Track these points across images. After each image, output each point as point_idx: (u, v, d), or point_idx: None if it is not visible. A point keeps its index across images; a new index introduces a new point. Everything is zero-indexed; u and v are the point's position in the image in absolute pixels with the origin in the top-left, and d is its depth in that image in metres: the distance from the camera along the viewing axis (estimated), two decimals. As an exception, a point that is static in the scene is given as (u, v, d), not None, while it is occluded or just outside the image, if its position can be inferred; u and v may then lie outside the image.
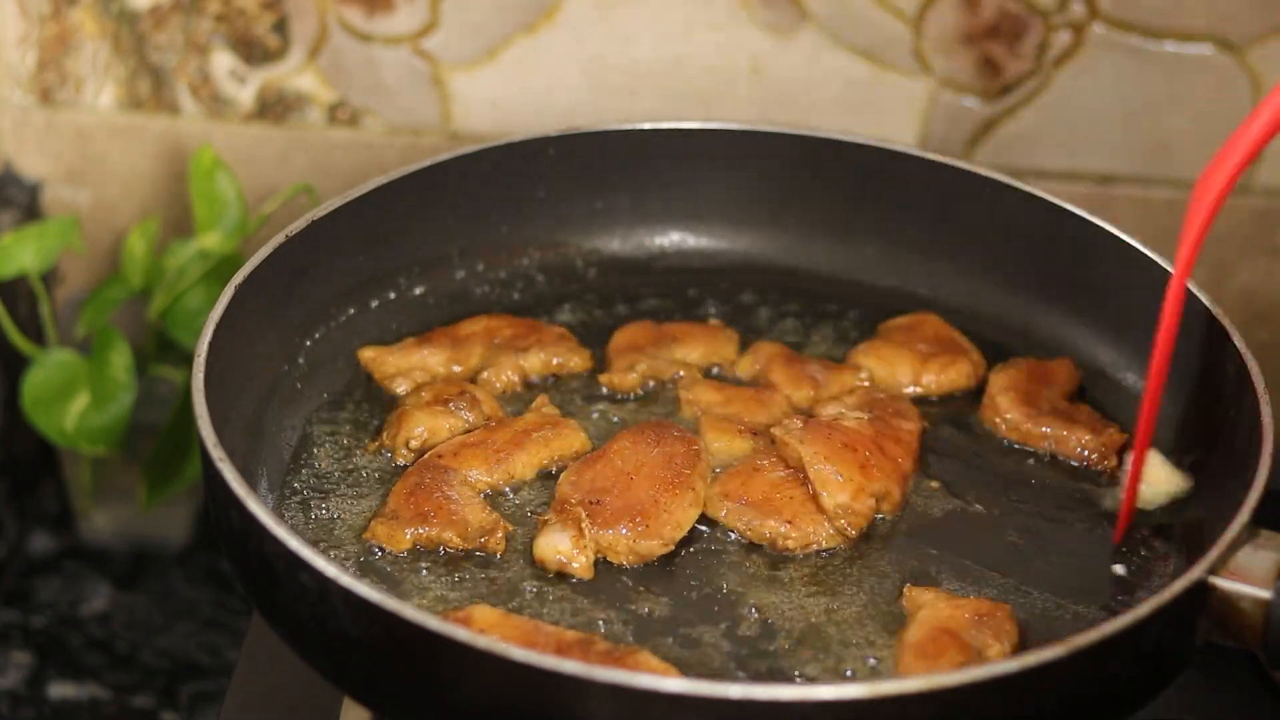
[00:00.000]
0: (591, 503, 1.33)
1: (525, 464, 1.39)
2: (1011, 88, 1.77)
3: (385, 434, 1.43)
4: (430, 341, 1.50)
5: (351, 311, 1.53)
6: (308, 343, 1.49)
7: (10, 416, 1.85)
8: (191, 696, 1.81)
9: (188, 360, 1.37)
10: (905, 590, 1.31)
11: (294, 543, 1.19)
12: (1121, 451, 1.44)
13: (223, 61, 1.83)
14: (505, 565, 1.33)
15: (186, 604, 1.90)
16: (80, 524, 1.96)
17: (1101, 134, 1.77)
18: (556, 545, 1.31)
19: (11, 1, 1.82)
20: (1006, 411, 1.46)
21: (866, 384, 1.49)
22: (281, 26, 1.81)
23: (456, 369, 1.49)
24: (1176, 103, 1.75)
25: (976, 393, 1.50)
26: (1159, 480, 1.40)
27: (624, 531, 1.32)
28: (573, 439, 1.41)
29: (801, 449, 1.37)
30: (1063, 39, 1.74)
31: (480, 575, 1.31)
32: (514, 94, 1.82)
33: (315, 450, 1.43)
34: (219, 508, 1.27)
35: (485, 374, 1.48)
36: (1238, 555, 1.22)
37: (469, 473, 1.38)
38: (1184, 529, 1.38)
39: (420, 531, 1.33)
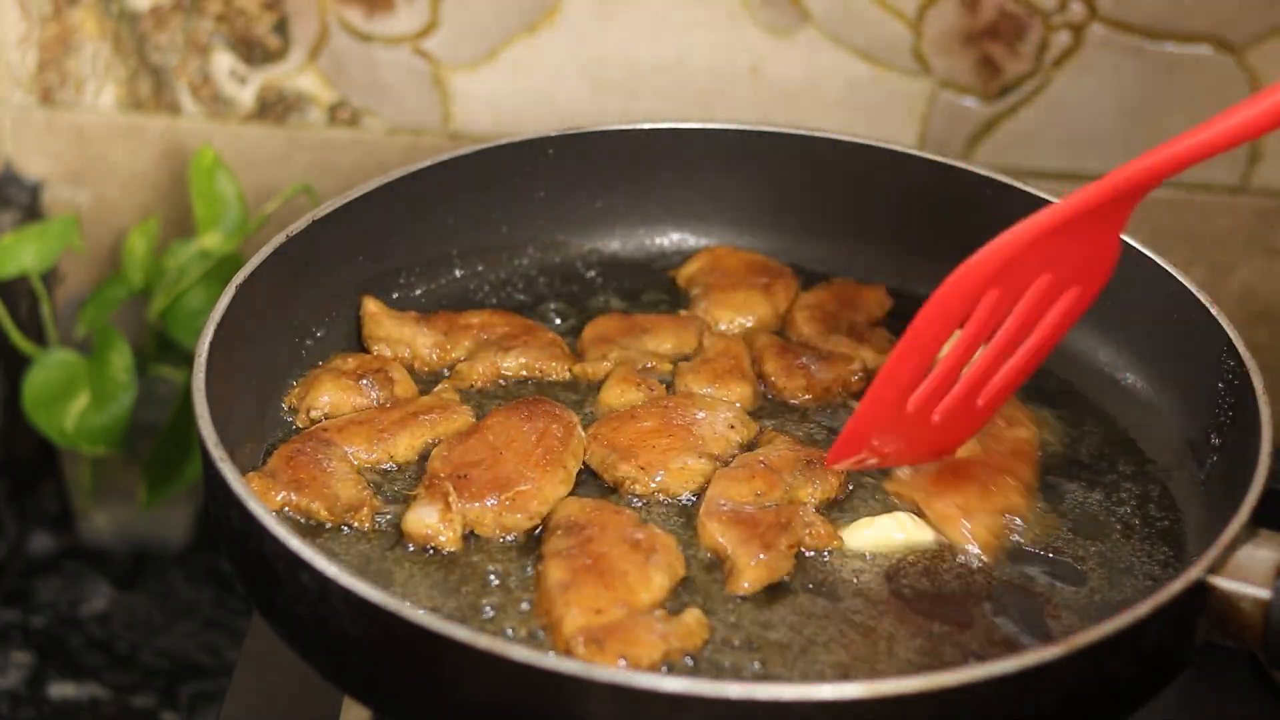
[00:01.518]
0: (459, 476, 1.34)
1: (407, 445, 1.39)
2: (1011, 88, 1.77)
3: (294, 393, 1.44)
4: (428, 322, 1.51)
5: (351, 311, 1.53)
6: (309, 342, 1.49)
7: (10, 416, 1.85)
8: (191, 696, 1.81)
9: (188, 360, 1.37)
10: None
11: (294, 542, 1.19)
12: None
13: (223, 62, 1.83)
14: (376, 540, 1.33)
15: (186, 604, 1.90)
16: (80, 524, 1.96)
17: (1101, 134, 1.77)
18: (424, 519, 1.32)
19: (12, 2, 1.82)
20: (802, 326, 1.54)
21: (860, 375, 1.50)
22: (282, 27, 1.81)
23: (436, 354, 1.49)
24: (1175, 103, 1.75)
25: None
26: (899, 531, 1.37)
27: (490, 504, 1.33)
28: (458, 422, 1.41)
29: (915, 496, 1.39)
30: (1062, 39, 1.74)
31: (353, 548, 1.32)
32: (514, 94, 1.82)
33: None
34: (219, 508, 1.27)
35: (461, 365, 1.48)
36: (1237, 555, 1.21)
37: (349, 448, 1.38)
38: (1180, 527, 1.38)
39: (290, 497, 1.33)
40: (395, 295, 1.56)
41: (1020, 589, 1.32)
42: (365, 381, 1.44)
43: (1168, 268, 1.47)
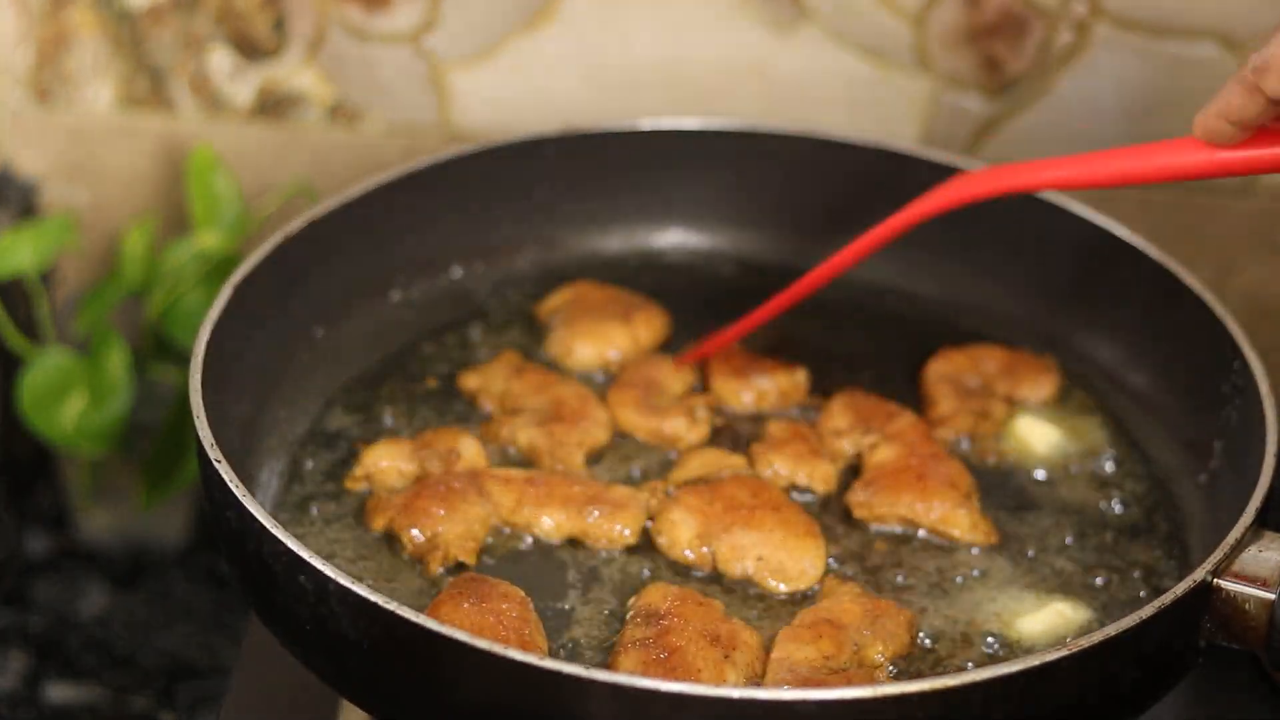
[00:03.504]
0: None
1: (555, 526, 1.36)
2: (1013, 87, 1.77)
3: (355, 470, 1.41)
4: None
5: (350, 311, 1.53)
6: (306, 342, 1.49)
7: (8, 417, 1.85)
8: (190, 698, 1.80)
9: (186, 360, 1.37)
10: (824, 580, 1.32)
11: (292, 543, 1.18)
12: None
13: (221, 60, 1.83)
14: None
15: (185, 605, 1.90)
16: (78, 525, 1.96)
17: (1104, 133, 1.77)
18: None
19: (9, 0, 1.81)
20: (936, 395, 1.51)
21: (803, 383, 1.49)
22: (280, 25, 1.81)
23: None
24: (1179, 102, 1.75)
25: None
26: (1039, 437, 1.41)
27: None
28: (627, 524, 1.36)
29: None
30: (1065, 38, 1.74)
31: (408, 586, 1.31)
32: (514, 93, 1.81)
33: (313, 451, 1.43)
34: (217, 508, 1.27)
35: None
36: (1242, 556, 1.21)
37: (495, 502, 1.36)
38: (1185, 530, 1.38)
39: (394, 519, 1.33)
40: (394, 294, 1.56)
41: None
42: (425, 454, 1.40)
43: (1171, 268, 1.47)
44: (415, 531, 1.32)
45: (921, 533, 1.37)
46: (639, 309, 1.55)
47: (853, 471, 1.42)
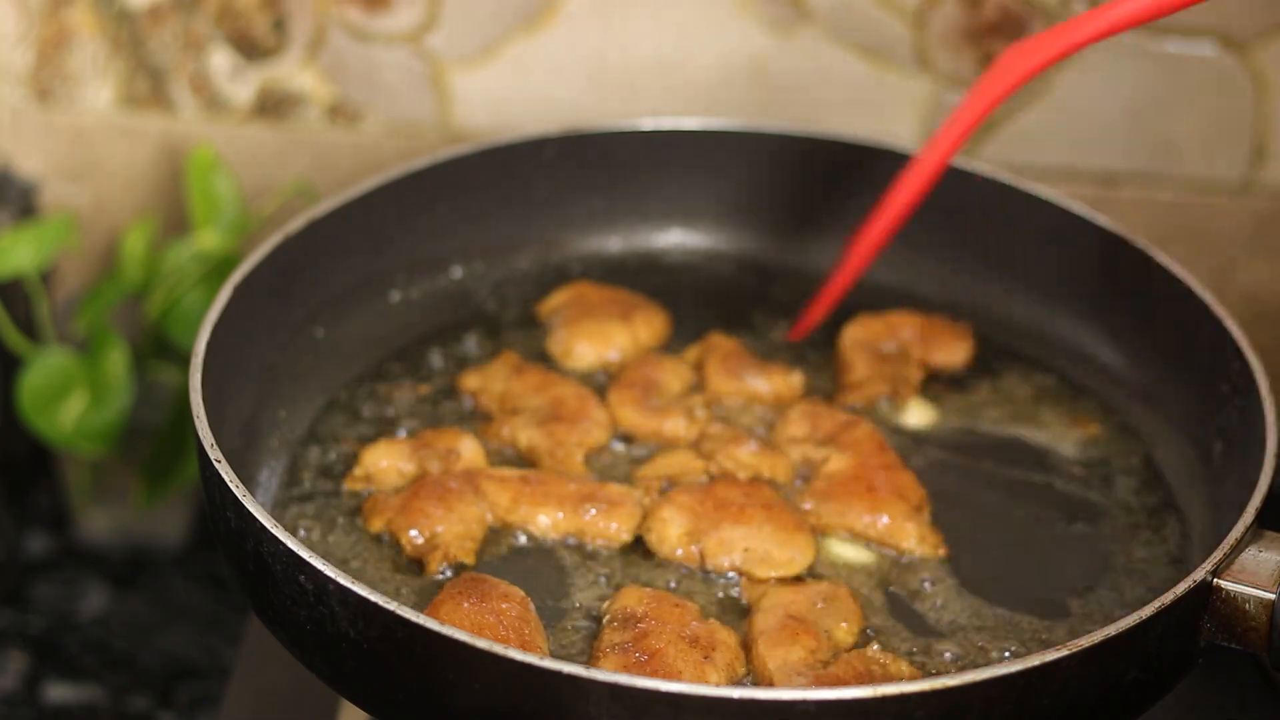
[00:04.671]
0: None
1: (551, 525, 1.36)
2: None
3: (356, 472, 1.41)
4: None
5: (350, 311, 1.53)
6: (306, 342, 1.49)
7: (7, 417, 1.85)
8: (189, 698, 1.80)
9: (186, 360, 1.37)
10: (741, 583, 1.31)
11: (292, 543, 1.18)
12: None
13: (221, 60, 1.83)
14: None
15: (184, 605, 1.90)
16: (78, 525, 1.95)
17: (1104, 133, 1.77)
18: None
19: (9, 0, 1.81)
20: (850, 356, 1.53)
21: (799, 385, 1.49)
22: (280, 25, 1.81)
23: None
24: (1180, 101, 1.75)
25: None
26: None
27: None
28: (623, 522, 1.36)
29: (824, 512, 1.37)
30: (1065, 38, 1.74)
31: (410, 585, 1.30)
32: (514, 93, 1.81)
33: (313, 451, 1.43)
34: (216, 508, 1.27)
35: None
36: (1242, 556, 1.21)
37: (492, 501, 1.36)
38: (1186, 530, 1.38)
39: (392, 520, 1.33)
40: (394, 295, 1.56)
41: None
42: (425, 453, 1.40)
43: (1171, 268, 1.47)
44: (414, 532, 1.32)
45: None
46: (639, 309, 1.55)
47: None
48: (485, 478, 1.36)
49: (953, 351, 1.53)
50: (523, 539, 1.35)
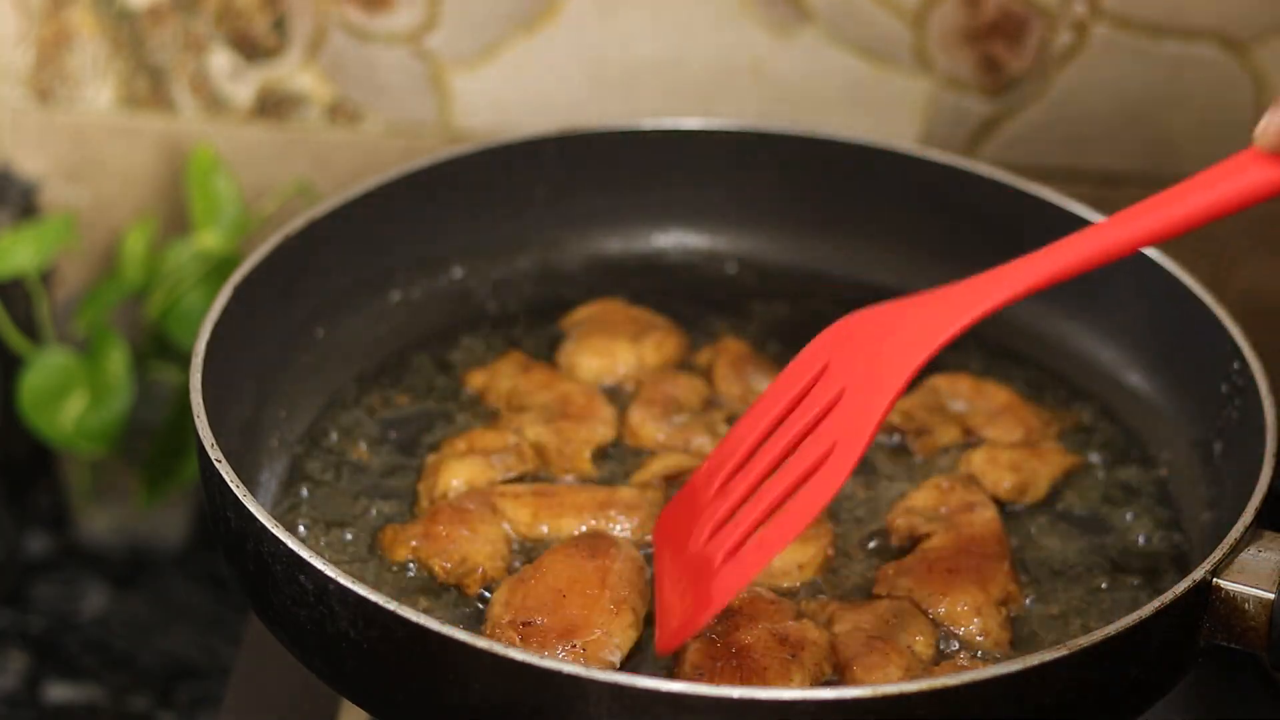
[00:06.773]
0: (523, 624, 1.25)
1: (573, 529, 1.35)
2: (1013, 87, 1.77)
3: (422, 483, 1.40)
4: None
5: (350, 311, 1.53)
6: (306, 342, 1.49)
7: (7, 417, 1.85)
8: (189, 698, 1.80)
9: (186, 360, 1.36)
10: (799, 618, 1.27)
11: (292, 543, 1.18)
12: None
13: (221, 60, 1.83)
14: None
15: (184, 605, 1.90)
16: (78, 525, 1.95)
17: (1104, 133, 1.77)
18: None
19: (9, 0, 1.82)
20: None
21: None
22: (280, 25, 1.81)
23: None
24: (1179, 101, 1.75)
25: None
26: None
27: (561, 655, 1.23)
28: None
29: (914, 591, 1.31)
30: (1064, 38, 1.74)
31: (455, 609, 1.30)
32: (514, 93, 1.81)
33: (313, 451, 1.43)
34: (216, 509, 1.27)
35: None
36: (1241, 556, 1.21)
37: (510, 519, 1.35)
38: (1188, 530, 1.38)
39: (417, 547, 1.32)
40: (394, 294, 1.56)
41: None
42: (496, 457, 1.39)
43: (1170, 268, 1.47)
44: (443, 559, 1.31)
45: None
46: (654, 331, 1.54)
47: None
48: (499, 495, 1.36)
49: (1007, 432, 1.47)
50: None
